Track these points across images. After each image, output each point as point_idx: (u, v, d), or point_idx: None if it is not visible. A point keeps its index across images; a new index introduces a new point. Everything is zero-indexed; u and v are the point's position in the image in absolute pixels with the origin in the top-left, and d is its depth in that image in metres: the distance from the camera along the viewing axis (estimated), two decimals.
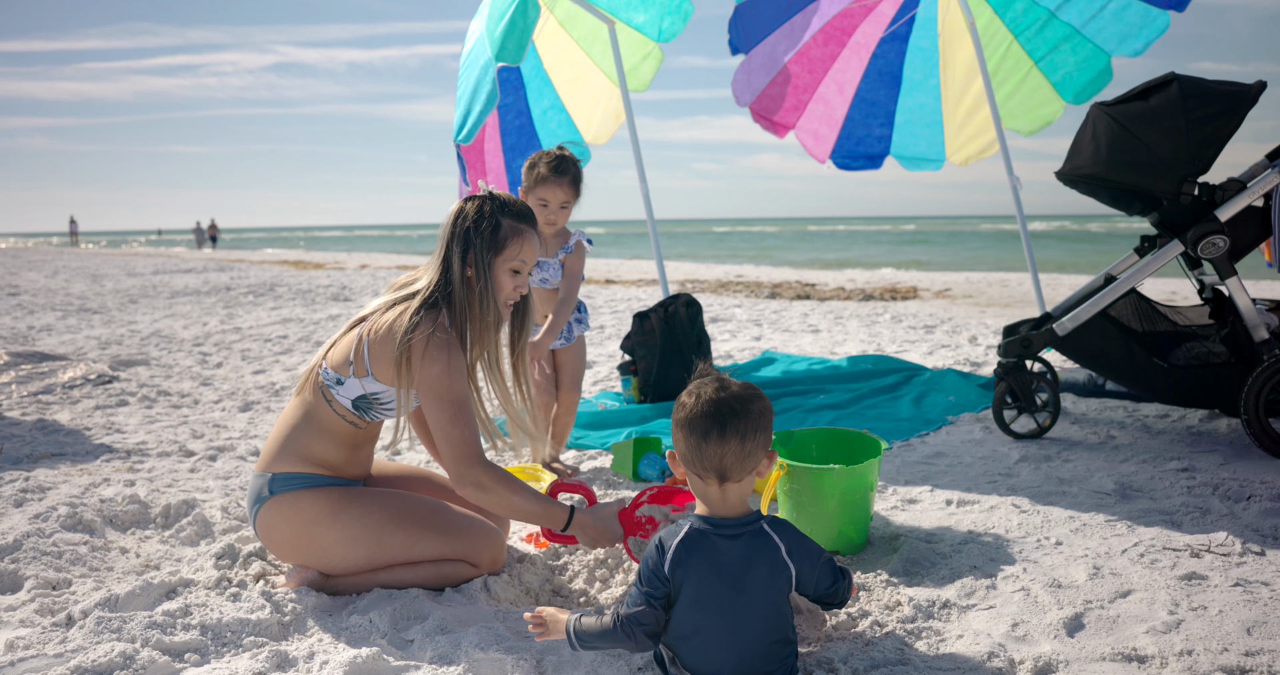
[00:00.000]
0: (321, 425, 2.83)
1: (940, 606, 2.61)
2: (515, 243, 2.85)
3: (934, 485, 3.81)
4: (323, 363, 2.84)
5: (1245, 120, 3.92)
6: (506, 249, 2.84)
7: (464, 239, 2.80)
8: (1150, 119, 3.97)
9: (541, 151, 4.05)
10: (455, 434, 2.69)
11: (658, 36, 6.17)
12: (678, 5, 5.94)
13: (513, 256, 2.85)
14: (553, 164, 3.99)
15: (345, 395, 2.78)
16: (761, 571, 2.07)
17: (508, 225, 2.84)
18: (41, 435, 4.93)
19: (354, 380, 2.76)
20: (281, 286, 16.16)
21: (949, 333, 8.39)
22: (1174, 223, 4.05)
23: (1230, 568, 2.82)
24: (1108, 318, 4.22)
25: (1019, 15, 6.45)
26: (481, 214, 2.82)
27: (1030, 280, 6.69)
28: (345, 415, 2.82)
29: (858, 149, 7.27)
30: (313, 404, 2.84)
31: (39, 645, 2.43)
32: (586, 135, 6.82)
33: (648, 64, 6.49)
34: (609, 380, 6.38)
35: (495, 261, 2.83)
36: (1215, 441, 4.25)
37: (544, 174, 3.97)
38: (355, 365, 2.76)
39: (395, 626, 2.56)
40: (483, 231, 2.80)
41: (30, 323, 10.63)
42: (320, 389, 2.83)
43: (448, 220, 2.84)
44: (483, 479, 2.69)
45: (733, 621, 2.04)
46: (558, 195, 4.00)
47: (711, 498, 2.11)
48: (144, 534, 3.43)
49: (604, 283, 16.69)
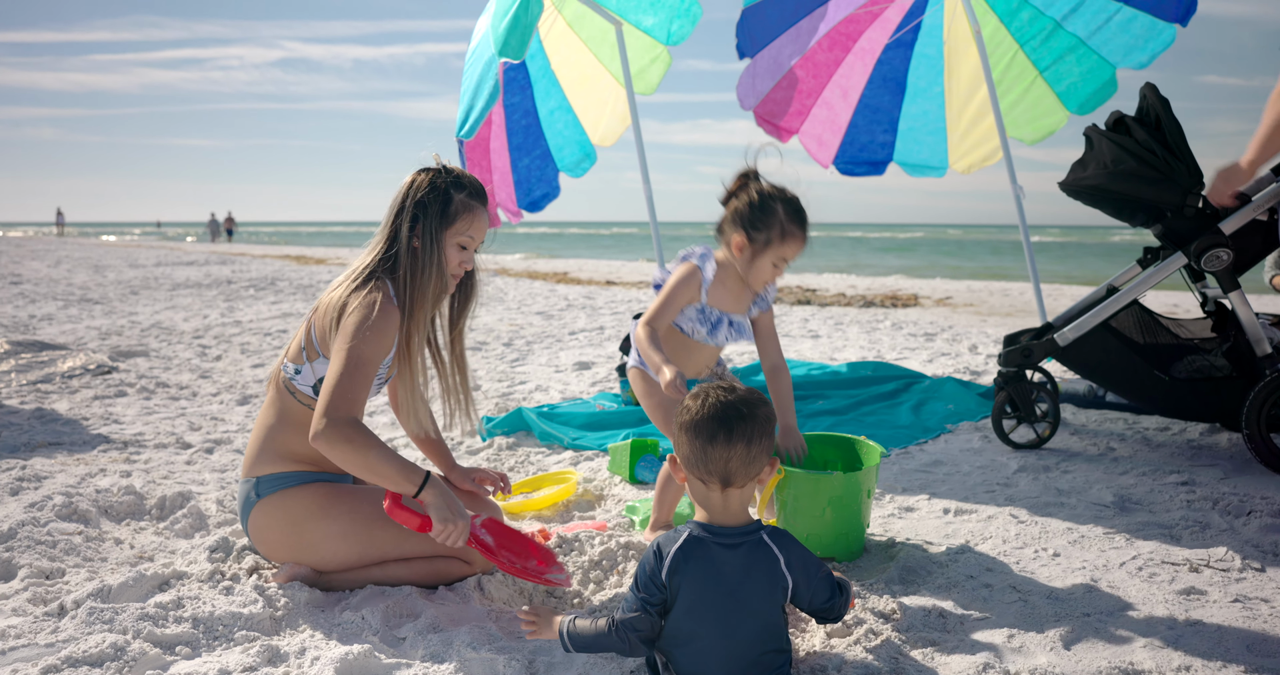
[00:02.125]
0: (293, 420, 2.82)
1: (936, 616, 2.60)
2: (465, 217, 2.83)
3: (932, 494, 3.80)
4: (283, 358, 2.84)
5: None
6: (456, 223, 2.82)
7: (414, 210, 2.79)
8: (1153, 131, 3.97)
9: (777, 193, 3.13)
10: (339, 387, 2.55)
11: (666, 39, 6.16)
12: (687, 8, 5.93)
13: (461, 230, 2.83)
14: (801, 215, 3.14)
15: (304, 384, 2.78)
16: (759, 582, 2.06)
17: (459, 200, 2.82)
18: (39, 424, 4.92)
19: (308, 365, 2.76)
20: (283, 281, 16.16)
21: (949, 341, 8.38)
22: (1177, 235, 4.04)
23: (1230, 583, 2.81)
24: (1109, 329, 4.21)
25: (1025, 24, 6.43)
26: (435, 186, 2.81)
27: (1032, 290, 6.69)
28: (310, 404, 2.79)
29: (861, 155, 7.26)
30: (281, 401, 2.84)
31: (30, 634, 2.43)
32: (594, 136, 6.81)
33: (656, 67, 6.48)
34: (607, 381, 6.37)
35: (444, 234, 2.81)
36: (1216, 455, 4.23)
37: (791, 229, 3.10)
38: (308, 350, 2.76)
39: (387, 624, 2.55)
40: (433, 203, 2.79)
41: (31, 312, 10.63)
42: (284, 384, 2.83)
43: (399, 191, 2.83)
44: (335, 435, 2.49)
45: (727, 630, 2.03)
46: (796, 252, 3.18)
47: (713, 503, 2.10)
48: (139, 525, 3.42)
49: (604, 284, 16.70)
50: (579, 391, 6.08)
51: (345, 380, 2.55)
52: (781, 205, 3.09)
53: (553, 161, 6.87)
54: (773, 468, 2.12)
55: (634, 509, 3.61)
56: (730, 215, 3.16)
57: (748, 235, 3.10)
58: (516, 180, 6.80)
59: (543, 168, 6.86)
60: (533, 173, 6.85)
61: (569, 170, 6.90)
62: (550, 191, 6.91)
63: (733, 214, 3.14)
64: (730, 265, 3.21)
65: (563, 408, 5.38)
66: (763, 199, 3.10)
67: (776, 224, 3.07)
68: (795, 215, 3.10)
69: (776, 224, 3.07)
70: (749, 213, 3.10)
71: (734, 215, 3.14)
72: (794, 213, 3.10)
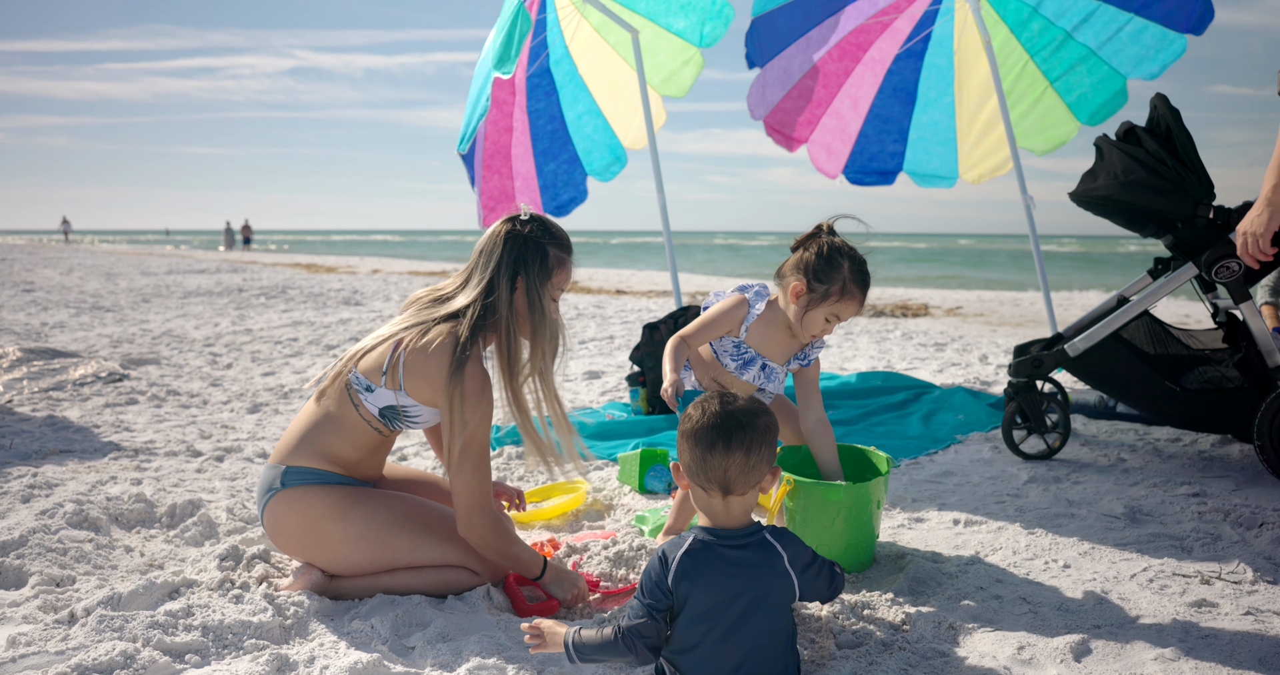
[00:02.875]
0: (344, 426, 2.82)
1: (946, 627, 2.59)
2: (561, 272, 2.87)
3: (941, 504, 3.79)
4: (353, 367, 2.82)
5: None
6: (554, 277, 2.85)
7: (514, 264, 2.79)
8: (1164, 142, 3.96)
9: (847, 251, 3.13)
10: (475, 484, 2.70)
11: (699, 42, 6.18)
12: (719, 10, 5.95)
13: (559, 285, 2.87)
14: (865, 278, 3.14)
15: (374, 403, 2.77)
16: (767, 582, 2.06)
17: (554, 254, 2.84)
18: (51, 432, 4.94)
19: (385, 390, 2.75)
20: (293, 289, 16.20)
21: (959, 351, 8.36)
22: (1188, 246, 4.03)
23: (1241, 596, 2.79)
24: (1120, 340, 4.20)
25: (1035, 35, 6.44)
26: (535, 241, 2.81)
27: (1042, 300, 6.67)
28: (371, 421, 2.80)
29: (871, 164, 7.27)
30: (338, 405, 2.82)
31: (41, 642, 2.43)
32: (624, 140, 6.84)
33: (688, 69, 6.50)
34: (617, 391, 6.37)
35: (544, 288, 2.82)
36: (1227, 467, 4.21)
37: (851, 289, 3.10)
38: (388, 377, 2.74)
39: (397, 633, 2.55)
40: (534, 258, 2.80)
41: (44, 319, 10.68)
42: (348, 391, 2.81)
43: (496, 241, 2.81)
44: (490, 528, 2.73)
45: (736, 633, 2.03)
46: (851, 312, 3.18)
47: (715, 510, 2.11)
48: (149, 533, 3.42)
49: (614, 293, 16.71)
50: (588, 401, 6.08)
51: (481, 475, 2.72)
52: (849, 262, 3.10)
53: (580, 165, 6.90)
54: (774, 476, 2.12)
55: (643, 518, 3.61)
56: (795, 261, 3.16)
57: (808, 284, 3.10)
58: (542, 185, 6.83)
59: (570, 172, 6.89)
60: (559, 177, 6.89)
61: (598, 174, 6.92)
62: (578, 195, 6.94)
63: (798, 260, 3.15)
64: (781, 312, 3.22)
65: (572, 417, 5.37)
66: (831, 252, 3.10)
67: (839, 279, 3.08)
68: (859, 276, 3.11)
69: (839, 279, 3.08)
70: (815, 262, 3.10)
71: (799, 262, 3.14)
72: (859, 273, 3.11)
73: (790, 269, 3.17)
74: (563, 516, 3.75)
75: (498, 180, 6.62)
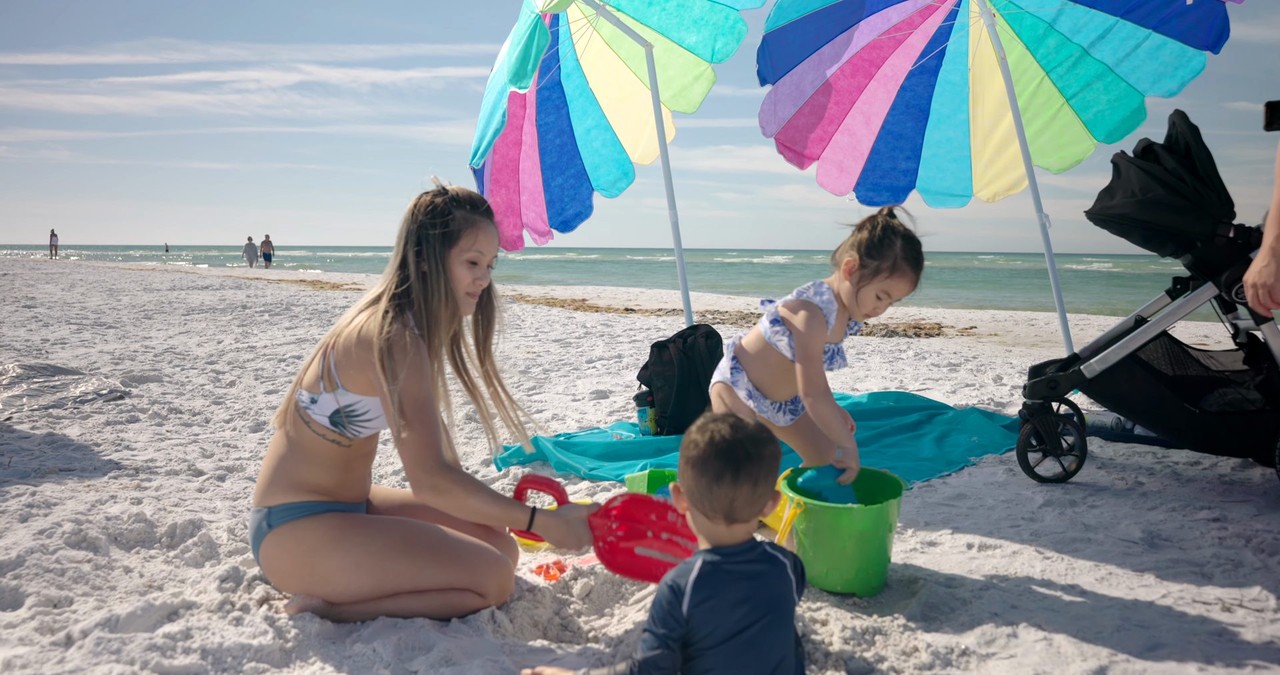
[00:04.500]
0: (306, 450, 2.80)
1: (959, 654, 2.53)
2: (469, 233, 2.82)
3: (955, 528, 3.72)
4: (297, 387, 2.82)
5: None
6: (460, 240, 2.82)
7: (417, 234, 2.79)
8: (1183, 159, 3.92)
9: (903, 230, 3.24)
10: (413, 437, 2.64)
11: (711, 57, 6.17)
12: (731, 25, 5.94)
13: (468, 247, 2.83)
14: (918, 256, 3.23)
15: (321, 413, 2.76)
16: (777, 589, 2.06)
17: (460, 216, 2.82)
18: (50, 450, 4.90)
19: (326, 396, 2.74)
20: (298, 306, 16.20)
21: (973, 371, 8.30)
22: (1208, 265, 3.97)
23: (1264, 624, 2.72)
24: (1138, 361, 4.14)
25: (1051, 52, 6.41)
26: (434, 207, 2.81)
27: (1058, 320, 6.62)
28: (325, 434, 2.78)
29: (882, 182, 7.23)
30: (294, 430, 2.82)
31: (36, 664, 2.39)
32: (634, 155, 6.82)
33: (699, 85, 6.49)
34: (625, 411, 6.32)
35: (450, 253, 2.81)
36: (1248, 491, 4.14)
37: (903, 267, 3.20)
38: (325, 380, 2.74)
39: (399, 657, 2.50)
40: (435, 224, 2.79)
41: (45, 336, 10.66)
42: (298, 412, 2.80)
43: (403, 217, 2.84)
44: (439, 482, 2.65)
45: (752, 650, 2.00)
46: (903, 291, 3.26)
47: (718, 534, 2.08)
48: (148, 553, 3.38)
49: (623, 311, 16.69)
50: (596, 421, 6.04)
51: (418, 428, 2.64)
52: (902, 241, 3.19)
53: (588, 180, 6.88)
54: (775, 501, 2.09)
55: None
56: (852, 239, 3.28)
57: (860, 260, 3.21)
58: (549, 199, 6.80)
59: (577, 187, 6.88)
60: (566, 192, 6.87)
61: (604, 190, 6.90)
62: (583, 211, 6.92)
63: (854, 239, 3.28)
64: (838, 296, 3.32)
65: (580, 437, 5.33)
66: (886, 230, 3.21)
67: (891, 256, 3.18)
68: (912, 254, 3.20)
69: (891, 256, 3.18)
70: (869, 239, 3.21)
71: (854, 240, 3.27)
72: (912, 251, 3.20)
73: (846, 247, 3.29)
74: None
75: (504, 194, 6.61)
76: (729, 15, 5.94)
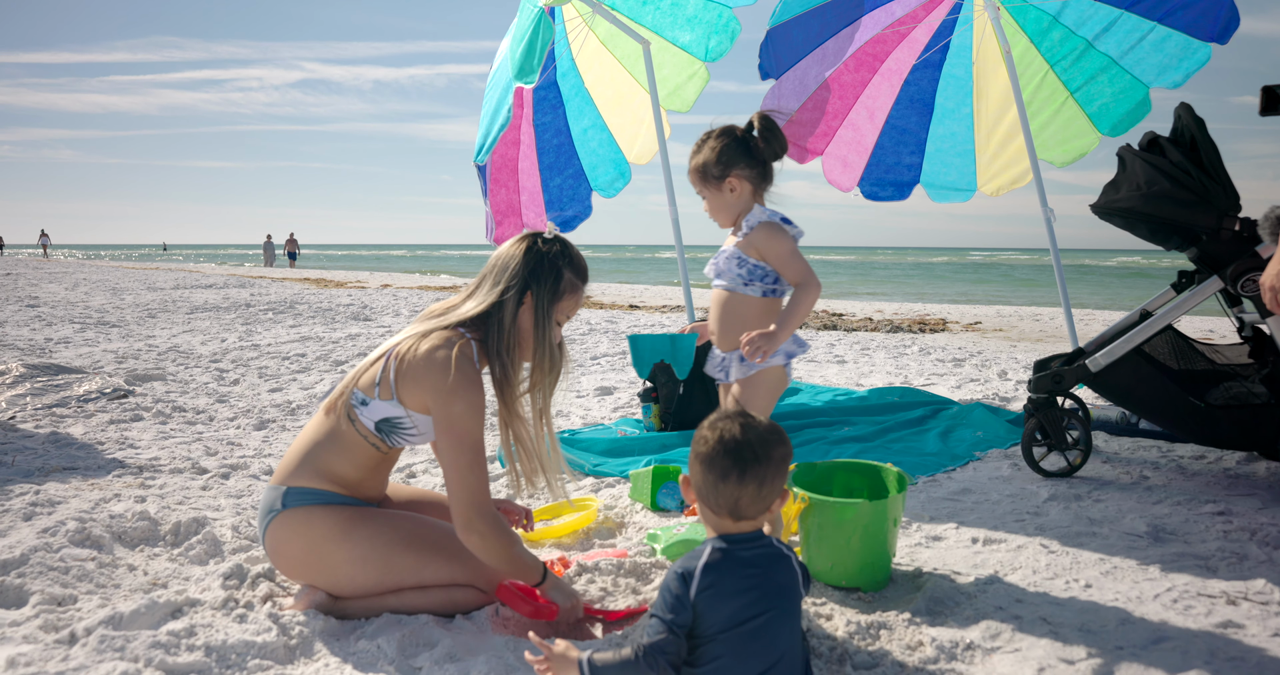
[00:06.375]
0: (343, 444, 2.79)
1: (964, 648, 2.52)
2: (571, 297, 2.86)
3: (960, 522, 3.72)
4: (355, 384, 2.80)
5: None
6: (564, 300, 2.84)
7: (528, 278, 2.79)
8: (1188, 152, 3.90)
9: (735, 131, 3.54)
10: (473, 481, 2.65)
11: (704, 56, 6.16)
12: (725, 24, 5.92)
13: (566, 309, 2.87)
14: None
15: (369, 416, 2.74)
16: (784, 576, 2.06)
17: (569, 277, 2.84)
18: (54, 448, 4.90)
19: (379, 402, 2.73)
20: (302, 304, 16.21)
21: (978, 366, 8.29)
22: (1213, 258, 3.96)
23: (1269, 617, 2.71)
24: (1143, 355, 4.12)
25: (1056, 45, 6.38)
26: (553, 260, 2.82)
27: (1063, 314, 6.60)
28: (368, 436, 2.77)
29: (886, 177, 7.20)
30: (338, 423, 2.80)
31: (40, 662, 2.39)
32: (630, 155, 6.80)
33: (693, 84, 6.47)
34: (629, 407, 6.32)
35: (553, 309, 2.82)
36: (1253, 485, 4.13)
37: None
38: (382, 388, 2.72)
39: (403, 653, 2.50)
40: (547, 278, 2.80)
41: (48, 335, 10.67)
42: (346, 408, 2.79)
43: (514, 255, 2.83)
44: (485, 529, 2.66)
45: (760, 638, 1.99)
46: None
47: (725, 529, 2.09)
48: (153, 551, 3.38)
49: (628, 308, 16.68)
50: (600, 417, 6.03)
51: (479, 472, 2.66)
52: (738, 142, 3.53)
53: (586, 181, 6.86)
54: (783, 499, 2.09)
55: (655, 537, 3.54)
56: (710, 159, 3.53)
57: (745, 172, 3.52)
58: (548, 200, 6.79)
59: (575, 187, 6.86)
60: (565, 192, 6.85)
61: (602, 190, 6.88)
62: (583, 211, 6.90)
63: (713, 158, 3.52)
64: None
65: (584, 433, 5.33)
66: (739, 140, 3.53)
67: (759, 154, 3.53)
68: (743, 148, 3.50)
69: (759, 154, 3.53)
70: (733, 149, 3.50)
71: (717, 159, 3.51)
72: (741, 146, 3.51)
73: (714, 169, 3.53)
74: (573, 535, 3.70)
75: (505, 194, 6.60)
76: (722, 13, 5.92)
